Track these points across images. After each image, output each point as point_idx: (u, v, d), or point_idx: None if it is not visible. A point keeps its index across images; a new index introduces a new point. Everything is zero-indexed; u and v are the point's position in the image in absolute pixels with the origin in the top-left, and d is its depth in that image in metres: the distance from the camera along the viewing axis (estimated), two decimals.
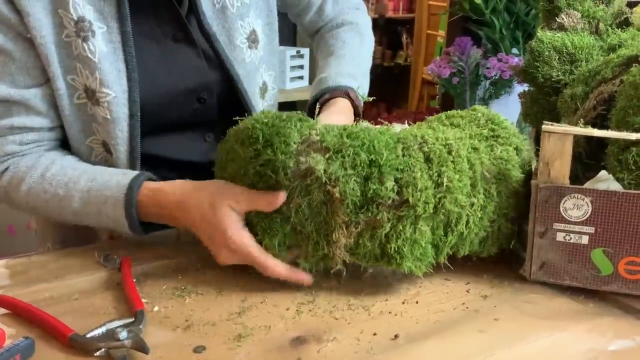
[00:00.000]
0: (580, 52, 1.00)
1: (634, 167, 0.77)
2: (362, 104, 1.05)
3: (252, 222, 0.80)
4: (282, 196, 0.76)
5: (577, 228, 0.77)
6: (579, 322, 0.73)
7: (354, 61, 1.10)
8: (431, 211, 0.77)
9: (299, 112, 0.86)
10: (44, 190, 0.87)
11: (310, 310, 0.76)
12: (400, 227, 0.76)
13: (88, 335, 0.69)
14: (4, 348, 0.65)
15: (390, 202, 0.76)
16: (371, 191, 0.75)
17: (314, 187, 0.76)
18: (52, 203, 0.88)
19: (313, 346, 0.69)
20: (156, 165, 1.04)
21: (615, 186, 0.76)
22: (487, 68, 1.96)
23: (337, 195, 0.75)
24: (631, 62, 0.90)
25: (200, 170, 1.08)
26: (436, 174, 0.77)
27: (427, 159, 0.78)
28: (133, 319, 0.72)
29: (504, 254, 0.86)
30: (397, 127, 1.02)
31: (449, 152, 0.79)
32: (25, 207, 0.91)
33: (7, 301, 0.76)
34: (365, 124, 0.85)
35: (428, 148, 0.78)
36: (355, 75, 1.06)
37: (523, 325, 0.72)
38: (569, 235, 0.78)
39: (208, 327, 0.72)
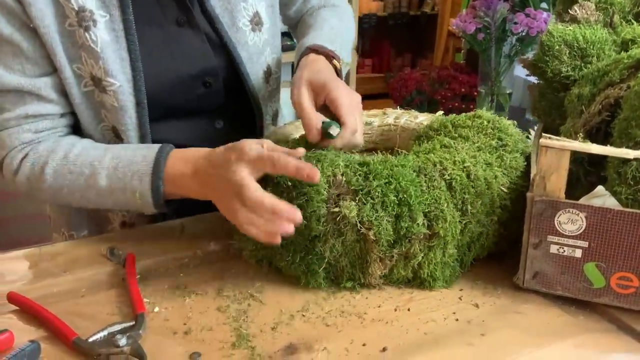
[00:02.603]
0: (591, 47, 0.97)
1: (632, 182, 0.77)
2: (340, 66, 0.99)
3: (291, 267, 0.83)
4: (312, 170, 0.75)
5: (570, 242, 0.77)
6: (567, 337, 0.74)
7: (332, 31, 1.08)
8: (459, 236, 0.82)
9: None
10: (69, 171, 0.89)
11: (303, 316, 0.78)
12: (432, 255, 0.81)
13: (90, 340, 0.73)
14: (11, 353, 0.69)
15: (422, 236, 0.79)
16: (404, 230, 0.78)
17: (346, 229, 0.78)
18: (77, 183, 0.89)
19: (304, 356, 0.71)
20: None
21: (612, 202, 0.76)
22: (514, 23, 1.89)
23: (372, 237, 0.78)
24: None
25: None
26: (460, 202, 0.81)
27: (450, 187, 0.81)
28: (133, 323, 0.75)
29: (502, 257, 0.87)
30: (420, 117, 1.03)
31: (468, 177, 0.82)
32: (48, 192, 0.92)
33: (17, 299, 0.80)
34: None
35: (449, 175, 0.81)
36: (333, 41, 1.03)
37: (510, 339, 0.74)
38: (563, 248, 0.78)
39: (205, 333, 0.75)
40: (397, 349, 0.72)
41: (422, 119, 1.06)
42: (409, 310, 0.79)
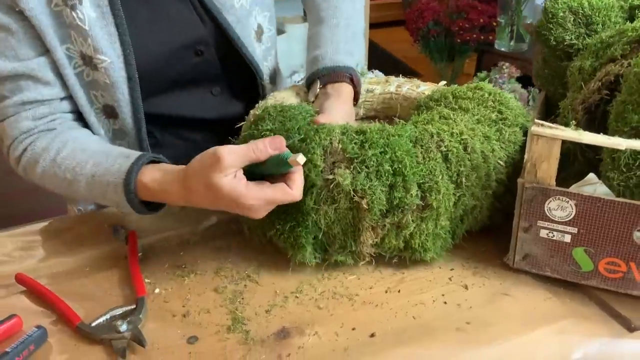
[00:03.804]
0: (597, 14, 0.94)
1: (624, 169, 0.76)
2: (361, 85, 1.02)
3: (280, 237, 0.84)
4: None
5: (560, 227, 0.78)
6: (551, 322, 0.76)
7: (348, 31, 1.05)
8: (452, 208, 0.82)
9: (304, 105, 0.87)
10: (55, 174, 0.91)
11: (297, 297, 0.81)
12: (424, 226, 0.82)
13: (93, 324, 0.76)
14: (19, 340, 0.73)
15: (414, 207, 0.80)
16: (397, 199, 0.79)
17: (340, 197, 0.79)
18: (62, 186, 0.91)
19: (295, 340, 0.74)
20: (166, 124, 1.07)
21: (603, 190, 0.76)
22: None
23: (365, 205, 0.78)
24: None
25: (211, 126, 1.10)
26: (455, 174, 0.81)
27: (445, 159, 0.81)
28: (134, 306, 0.79)
29: (495, 234, 0.89)
30: (422, 87, 1.02)
31: (465, 149, 0.82)
32: (42, 186, 0.95)
33: (24, 280, 0.84)
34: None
35: (445, 147, 0.81)
36: (353, 51, 1.02)
37: (497, 325, 0.76)
38: (552, 232, 0.79)
39: (203, 315, 0.79)
40: (385, 334, 0.75)
41: (424, 88, 1.04)
42: (399, 292, 0.82)
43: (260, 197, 0.75)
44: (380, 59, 3.76)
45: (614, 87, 0.85)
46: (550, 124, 0.75)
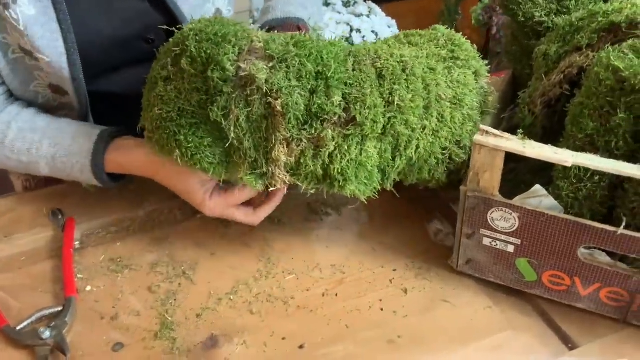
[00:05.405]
0: None
1: (574, 180, 0.71)
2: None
3: (180, 140, 0.74)
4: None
5: (503, 237, 0.74)
6: (487, 335, 0.73)
7: None
8: (379, 131, 0.73)
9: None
10: (7, 157, 0.87)
11: (231, 300, 0.79)
12: (346, 147, 0.72)
13: (18, 328, 0.75)
14: None
15: (336, 118, 0.71)
16: (316, 106, 0.70)
17: (254, 99, 0.70)
18: (20, 168, 0.88)
19: (223, 350, 0.73)
20: (117, 101, 1.01)
21: (549, 203, 0.71)
22: None
23: (279, 108, 0.69)
24: (614, 31, 0.77)
25: None
26: (388, 92, 0.72)
27: (380, 76, 0.73)
28: (62, 308, 0.77)
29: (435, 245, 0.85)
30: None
31: (404, 70, 0.74)
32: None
33: None
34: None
35: (381, 64, 0.73)
36: (306, 4, 0.94)
37: (430, 337, 0.73)
38: (495, 242, 0.75)
39: (132, 318, 0.77)
40: (314, 345, 0.73)
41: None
42: (336, 295, 0.79)
43: (223, 214, 0.82)
44: None
45: (578, 79, 0.79)
46: (496, 132, 0.69)
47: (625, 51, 0.70)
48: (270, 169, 0.74)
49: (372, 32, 2.26)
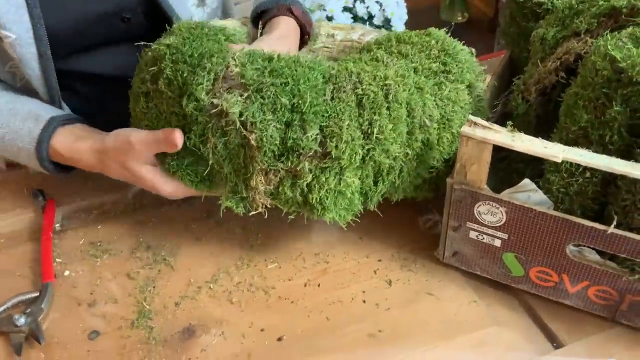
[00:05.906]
0: None
1: (565, 175, 0.68)
2: (310, 19, 0.91)
3: (162, 157, 0.75)
4: (178, 135, 0.70)
5: (490, 231, 0.71)
6: (471, 330, 0.71)
7: None
8: (358, 163, 0.71)
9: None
10: None
11: (210, 289, 0.77)
12: (324, 179, 0.70)
13: None
14: None
15: (312, 153, 0.69)
16: (291, 140, 0.68)
17: (230, 129, 0.69)
18: None
19: (200, 341, 0.71)
20: (91, 81, 0.98)
21: (538, 198, 0.69)
22: None
23: (254, 143, 0.68)
24: (615, 16, 0.73)
25: None
26: (367, 123, 0.69)
27: (359, 104, 0.70)
28: (38, 294, 0.76)
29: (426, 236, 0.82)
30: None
31: (386, 96, 0.70)
32: None
33: None
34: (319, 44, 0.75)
35: (362, 90, 0.69)
36: None
37: (411, 332, 0.71)
38: (482, 235, 0.72)
39: (109, 306, 0.75)
40: (293, 338, 0.71)
41: None
42: (319, 286, 0.77)
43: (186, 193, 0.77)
44: None
45: (575, 67, 0.75)
46: (484, 124, 0.66)
47: (623, 40, 0.66)
48: (250, 194, 0.72)
49: (376, 2, 2.20)
